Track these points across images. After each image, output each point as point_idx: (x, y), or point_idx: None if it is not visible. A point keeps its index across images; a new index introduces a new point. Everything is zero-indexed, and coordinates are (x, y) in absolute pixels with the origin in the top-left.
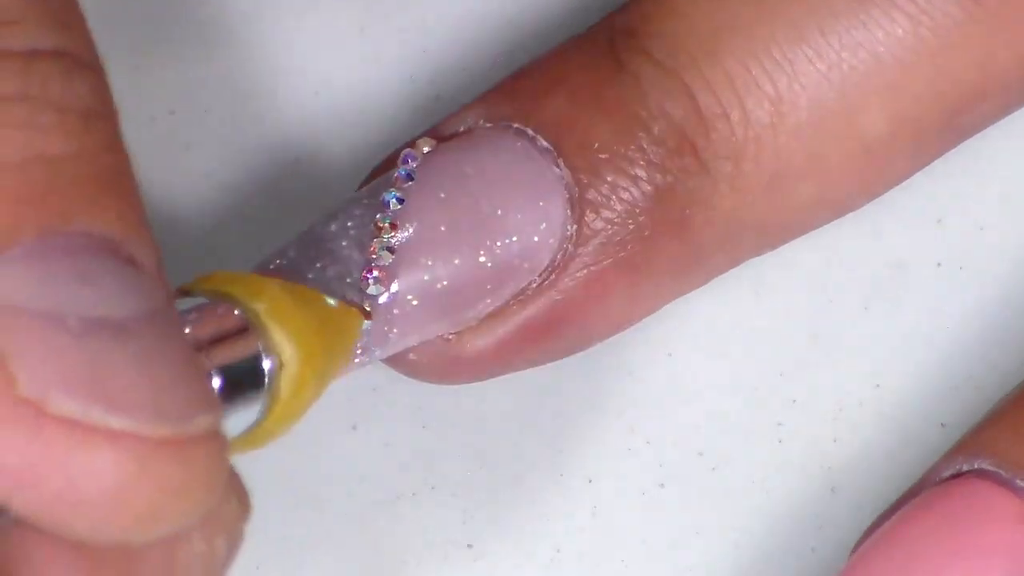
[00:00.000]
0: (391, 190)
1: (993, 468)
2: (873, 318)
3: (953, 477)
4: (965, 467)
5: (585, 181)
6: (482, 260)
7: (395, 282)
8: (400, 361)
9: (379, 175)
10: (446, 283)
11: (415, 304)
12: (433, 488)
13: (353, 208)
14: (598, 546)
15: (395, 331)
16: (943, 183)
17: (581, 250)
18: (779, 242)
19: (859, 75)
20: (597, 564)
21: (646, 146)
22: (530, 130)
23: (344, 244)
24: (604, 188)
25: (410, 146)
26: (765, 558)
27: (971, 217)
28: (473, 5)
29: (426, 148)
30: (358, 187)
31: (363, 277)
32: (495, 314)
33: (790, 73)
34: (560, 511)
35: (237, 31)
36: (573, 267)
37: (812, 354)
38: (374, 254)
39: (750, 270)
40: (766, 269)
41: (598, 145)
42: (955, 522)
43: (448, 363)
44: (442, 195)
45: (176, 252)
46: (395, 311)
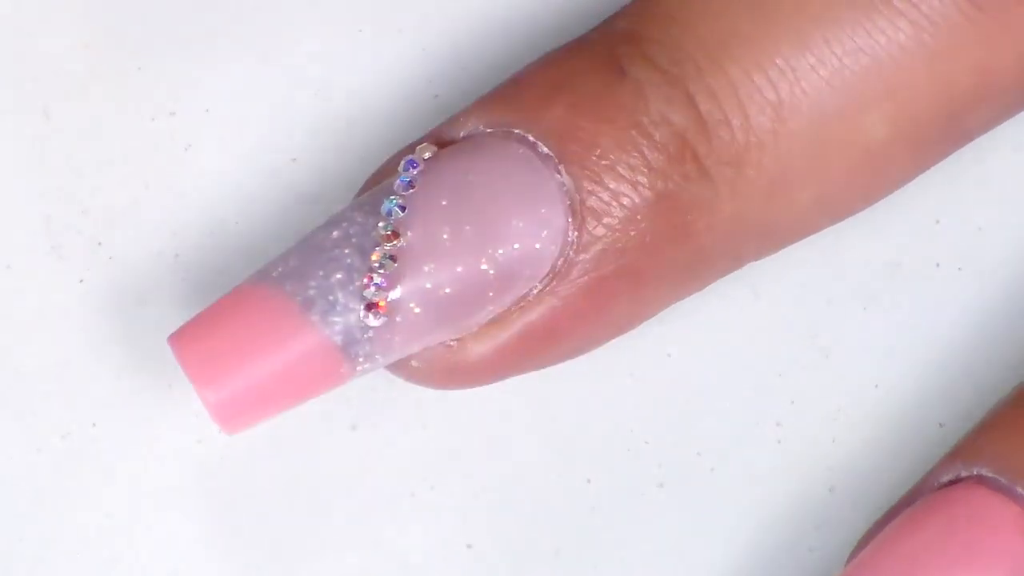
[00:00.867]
0: (393, 197)
1: (993, 475)
2: (873, 318)
3: (952, 482)
4: (964, 473)
5: (587, 188)
6: (484, 267)
7: (397, 291)
8: (402, 368)
9: (379, 180)
10: (448, 290)
11: (417, 311)
12: (433, 488)
13: (355, 215)
14: (598, 546)
15: (398, 338)
16: (942, 183)
17: (582, 257)
18: (780, 246)
19: (861, 81)
20: (597, 564)
21: (647, 153)
22: (531, 136)
23: (346, 252)
24: (605, 195)
25: (410, 152)
26: (765, 558)
27: (970, 217)
28: (472, 5)
29: (427, 154)
30: (359, 191)
31: (365, 285)
32: (496, 320)
33: (792, 79)
34: (560, 511)
35: (237, 31)
36: (574, 274)
37: (812, 354)
38: (376, 262)
39: (750, 270)
40: (766, 269)
41: (599, 152)
42: (955, 529)
43: (450, 370)
44: (444, 203)
45: (176, 252)
46: (397, 318)
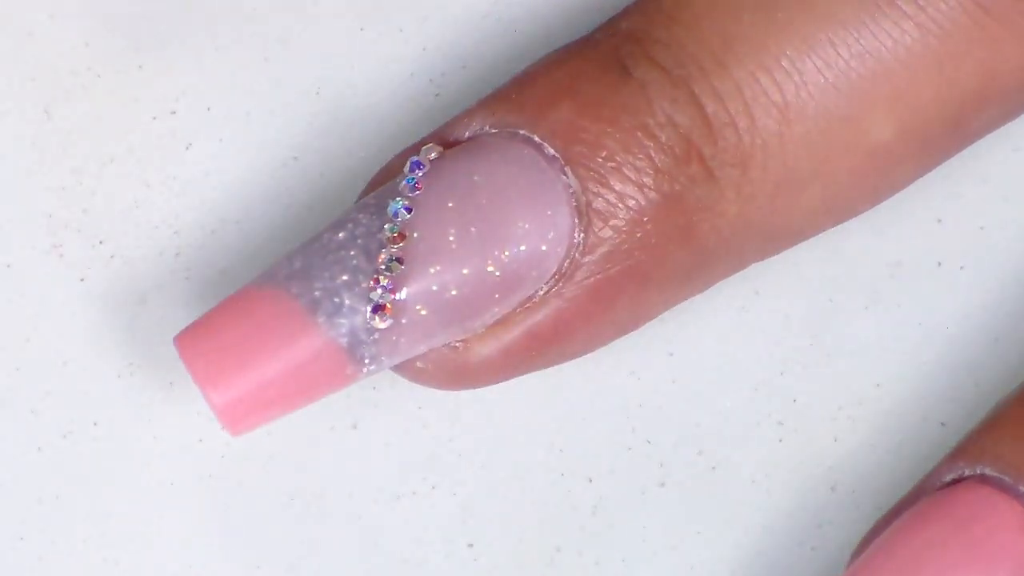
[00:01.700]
0: (398, 199)
1: (996, 474)
2: (873, 318)
3: (955, 482)
4: (967, 472)
5: (592, 190)
6: (490, 269)
7: (403, 292)
8: (408, 369)
9: (384, 180)
10: (454, 292)
11: (423, 313)
12: (433, 488)
13: (360, 217)
14: (598, 546)
15: (404, 340)
16: (943, 183)
17: (588, 258)
18: (784, 247)
19: (866, 83)
20: (597, 564)
21: (653, 154)
22: (537, 138)
23: (352, 253)
24: (611, 196)
25: (414, 152)
26: (765, 558)
27: (971, 217)
28: (472, 4)
29: (432, 155)
30: (363, 191)
31: (371, 286)
32: (501, 321)
33: (798, 81)
34: (560, 511)
35: (237, 31)
36: (580, 275)
37: (812, 354)
38: (382, 263)
39: (750, 270)
40: (768, 269)
41: (605, 153)
42: (959, 529)
43: (455, 371)
44: (450, 204)
45: (178, 251)
46: (403, 320)
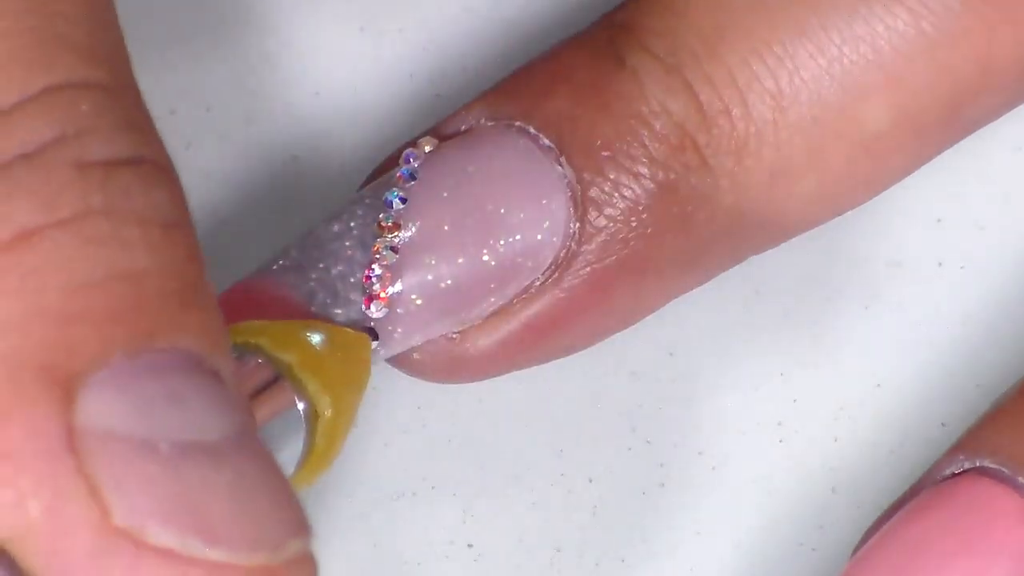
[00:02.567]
0: (393, 190)
1: (995, 466)
2: (873, 318)
3: (955, 475)
4: (967, 465)
5: (588, 179)
6: (486, 259)
7: (399, 283)
8: (404, 361)
9: (381, 174)
10: (450, 282)
11: (419, 303)
12: (433, 488)
13: (356, 208)
14: (598, 546)
15: (399, 331)
16: (943, 183)
17: (584, 248)
18: (781, 238)
19: (860, 69)
20: (597, 564)
21: (648, 143)
22: (532, 128)
23: (347, 244)
24: (607, 186)
25: (412, 145)
26: (765, 558)
27: (971, 217)
28: (472, 4)
29: (428, 147)
30: (360, 187)
31: (366, 277)
32: (499, 313)
33: (791, 68)
34: (560, 511)
35: (237, 30)
36: (576, 265)
37: (812, 354)
38: (377, 254)
39: (750, 269)
40: (766, 268)
41: (600, 143)
42: (958, 521)
43: (452, 362)
44: (445, 194)
45: None
46: (399, 310)
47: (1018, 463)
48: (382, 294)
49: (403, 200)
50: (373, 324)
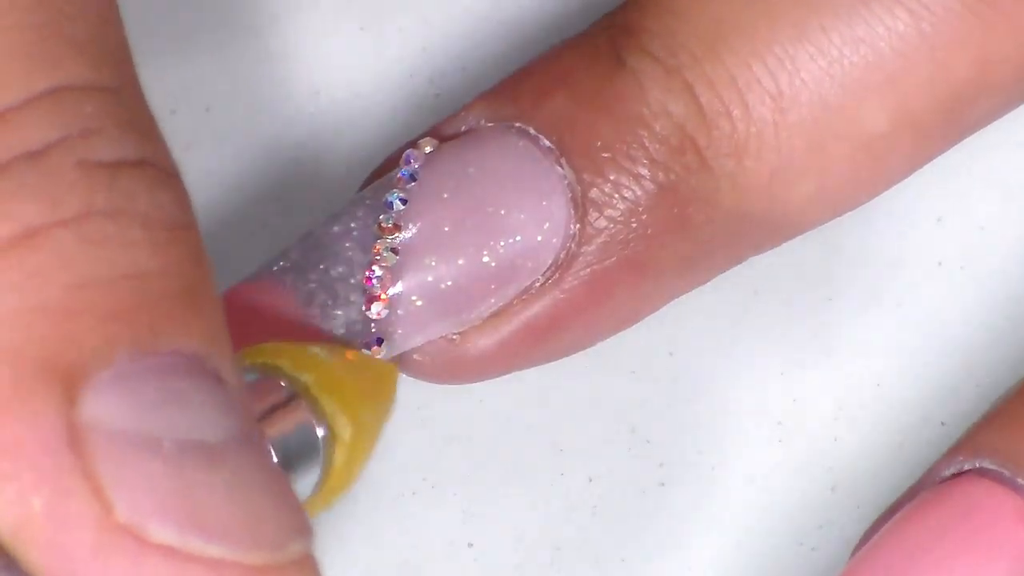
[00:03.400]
0: (394, 191)
1: (995, 467)
2: (875, 317)
3: (954, 476)
4: (967, 466)
5: (588, 180)
6: (486, 260)
7: (399, 284)
8: (404, 362)
9: (380, 175)
10: (450, 283)
11: (419, 304)
12: (433, 488)
13: (356, 209)
14: (598, 546)
15: (400, 332)
16: (943, 183)
17: (584, 249)
18: (781, 239)
19: (860, 71)
20: (597, 563)
21: (648, 144)
22: (532, 129)
23: (347, 245)
24: (607, 187)
25: (412, 146)
26: (765, 558)
27: (971, 217)
28: (472, 4)
29: (428, 148)
30: (359, 188)
31: (366, 278)
32: (499, 314)
33: (791, 70)
34: (560, 511)
35: (237, 30)
36: (576, 266)
37: (812, 354)
38: (378, 255)
39: (750, 269)
40: (766, 268)
41: (600, 144)
42: (957, 521)
43: (452, 363)
44: (445, 195)
45: None
46: (399, 312)
47: (1018, 464)
48: (382, 295)
49: (403, 201)
50: (373, 326)
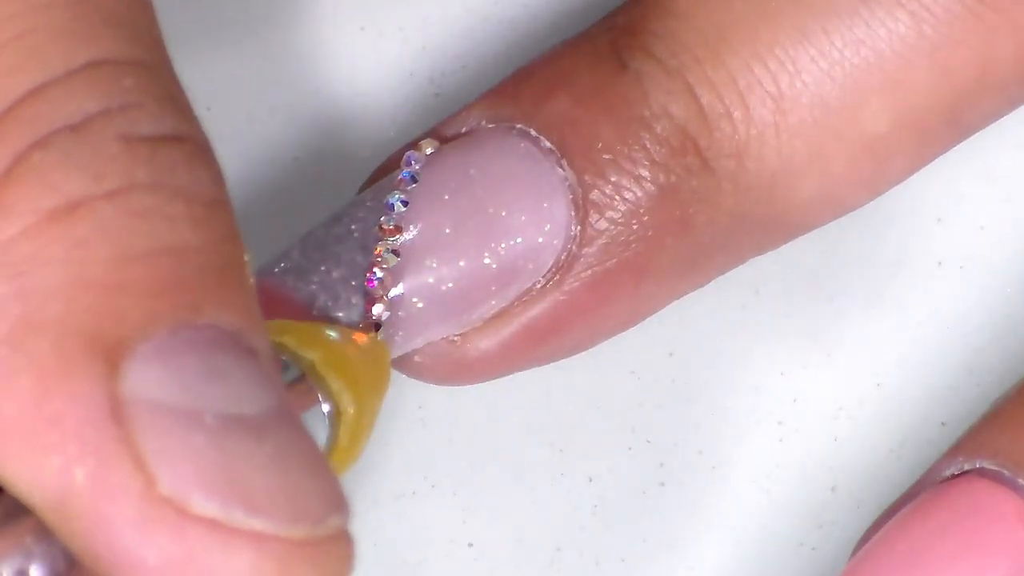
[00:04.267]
0: (395, 192)
1: (995, 467)
2: (873, 318)
3: (954, 476)
4: (967, 466)
5: (589, 182)
6: (487, 262)
7: (400, 285)
8: (405, 363)
9: (381, 177)
10: (451, 285)
11: (420, 306)
12: (433, 488)
13: (356, 211)
14: (598, 546)
15: (400, 333)
16: (943, 183)
17: (585, 251)
18: (782, 240)
19: (861, 72)
20: (597, 563)
21: (649, 146)
22: (533, 131)
23: (348, 247)
24: (608, 188)
25: (413, 147)
26: (765, 558)
27: (971, 217)
28: (472, 4)
29: (429, 149)
30: (360, 189)
31: (368, 280)
32: (500, 315)
33: (792, 71)
34: (560, 511)
35: (237, 30)
36: (577, 268)
37: (812, 354)
38: (378, 256)
39: (750, 269)
40: (766, 269)
41: (601, 145)
42: (957, 522)
43: (453, 365)
44: (446, 197)
45: None
46: (400, 313)
47: (1018, 464)
48: (383, 297)
49: (404, 203)
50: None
